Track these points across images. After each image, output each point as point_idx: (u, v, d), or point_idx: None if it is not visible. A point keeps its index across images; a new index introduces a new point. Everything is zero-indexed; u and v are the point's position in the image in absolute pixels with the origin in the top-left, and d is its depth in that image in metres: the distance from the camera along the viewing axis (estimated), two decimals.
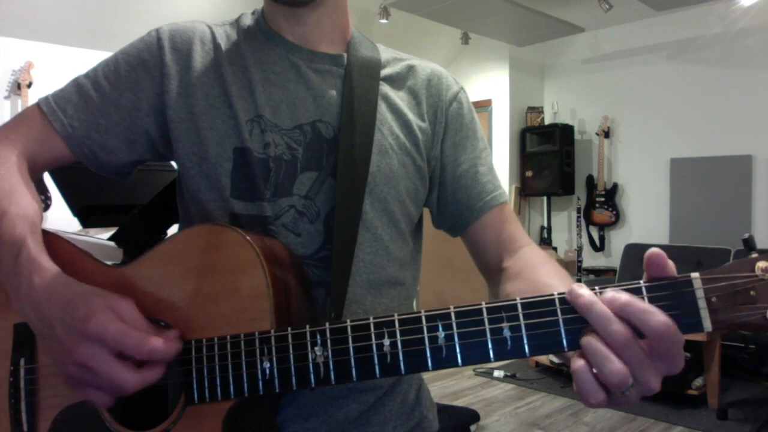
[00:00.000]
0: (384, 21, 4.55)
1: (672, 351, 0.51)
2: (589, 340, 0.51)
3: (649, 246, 0.56)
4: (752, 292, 0.50)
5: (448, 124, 0.89)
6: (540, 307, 0.55)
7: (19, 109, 3.80)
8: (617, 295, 0.52)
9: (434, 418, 0.91)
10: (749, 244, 0.53)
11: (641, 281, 0.54)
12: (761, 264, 0.51)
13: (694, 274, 0.52)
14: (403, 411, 0.85)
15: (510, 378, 4.42)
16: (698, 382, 3.73)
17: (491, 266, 0.87)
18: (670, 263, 0.53)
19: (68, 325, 0.60)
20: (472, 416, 3.53)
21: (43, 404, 0.72)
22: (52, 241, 0.73)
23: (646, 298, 0.52)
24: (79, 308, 0.60)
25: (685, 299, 0.52)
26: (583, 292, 0.53)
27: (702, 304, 0.51)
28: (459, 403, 3.90)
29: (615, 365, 0.50)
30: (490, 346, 0.56)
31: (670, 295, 0.52)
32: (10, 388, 0.73)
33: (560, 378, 4.33)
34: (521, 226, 0.91)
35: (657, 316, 0.50)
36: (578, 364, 0.52)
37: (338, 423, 0.78)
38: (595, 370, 0.51)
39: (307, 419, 0.76)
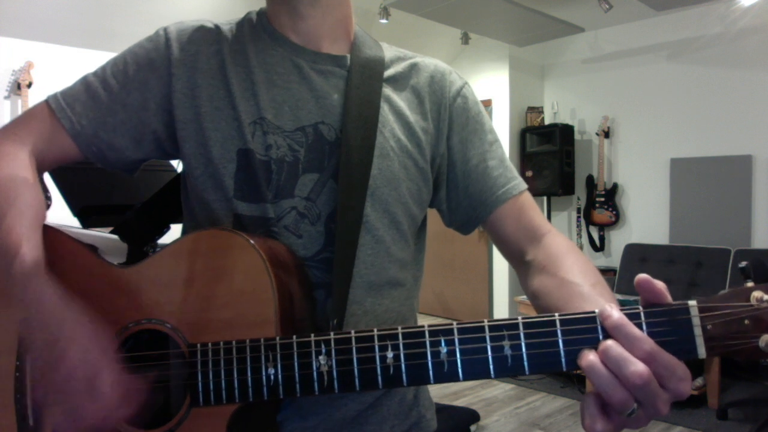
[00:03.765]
0: (384, 21, 4.55)
1: (664, 376, 0.52)
2: (592, 364, 0.53)
3: (648, 246, 0.58)
4: (746, 321, 0.52)
5: (453, 120, 0.89)
6: (541, 327, 0.56)
7: (19, 109, 3.80)
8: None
9: (432, 418, 0.92)
10: (745, 272, 0.54)
11: (640, 307, 0.55)
12: (756, 294, 0.52)
13: (692, 302, 0.54)
14: (402, 410, 0.86)
15: (510, 378, 4.43)
16: (698, 382, 3.73)
17: (516, 259, 0.88)
18: (658, 283, 0.55)
19: (45, 356, 0.64)
20: (472, 416, 3.53)
21: None
22: (56, 238, 0.73)
23: (644, 324, 0.54)
24: (57, 345, 0.63)
25: (682, 326, 0.53)
26: (613, 312, 0.54)
27: (698, 331, 0.53)
28: (459, 403, 3.91)
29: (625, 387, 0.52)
30: (490, 362, 0.57)
31: (667, 321, 0.54)
32: (16, 382, 0.73)
33: (560, 378, 4.33)
34: (541, 213, 0.89)
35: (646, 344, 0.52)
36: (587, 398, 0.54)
37: (336, 422, 0.79)
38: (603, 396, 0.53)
39: (305, 418, 0.77)
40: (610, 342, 0.53)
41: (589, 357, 0.53)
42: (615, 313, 0.54)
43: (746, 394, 3.96)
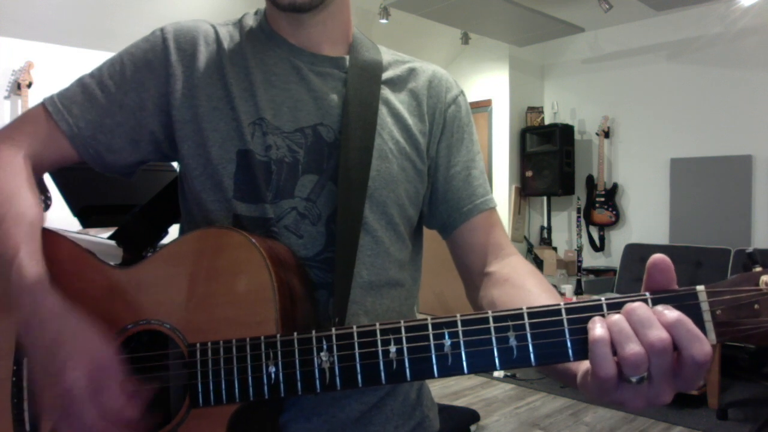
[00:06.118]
0: (384, 21, 4.55)
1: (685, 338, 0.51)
2: (617, 319, 0.52)
3: (648, 246, 0.57)
4: (756, 306, 0.51)
5: (446, 125, 0.90)
6: (546, 316, 0.55)
7: (19, 109, 3.80)
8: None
9: (435, 418, 0.92)
10: (753, 257, 0.53)
11: (647, 293, 0.54)
12: (765, 278, 0.51)
13: (700, 287, 0.53)
14: (405, 411, 0.85)
15: (510, 378, 4.42)
16: None
17: (474, 270, 0.88)
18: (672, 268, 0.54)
19: (45, 366, 0.63)
20: (472, 416, 3.52)
21: None
22: (54, 241, 0.73)
23: None
24: (58, 354, 0.62)
25: (691, 312, 0.52)
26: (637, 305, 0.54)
27: (707, 317, 0.52)
28: (459, 403, 3.90)
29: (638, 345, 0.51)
30: (496, 354, 0.56)
31: (676, 307, 0.52)
32: (13, 387, 0.73)
33: None
34: (507, 236, 0.91)
35: (660, 331, 0.51)
36: (598, 333, 0.52)
37: (340, 423, 0.78)
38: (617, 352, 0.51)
39: (309, 419, 0.77)
40: (637, 304, 0.52)
41: (614, 317, 0.53)
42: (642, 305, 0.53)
43: (746, 394, 3.96)
